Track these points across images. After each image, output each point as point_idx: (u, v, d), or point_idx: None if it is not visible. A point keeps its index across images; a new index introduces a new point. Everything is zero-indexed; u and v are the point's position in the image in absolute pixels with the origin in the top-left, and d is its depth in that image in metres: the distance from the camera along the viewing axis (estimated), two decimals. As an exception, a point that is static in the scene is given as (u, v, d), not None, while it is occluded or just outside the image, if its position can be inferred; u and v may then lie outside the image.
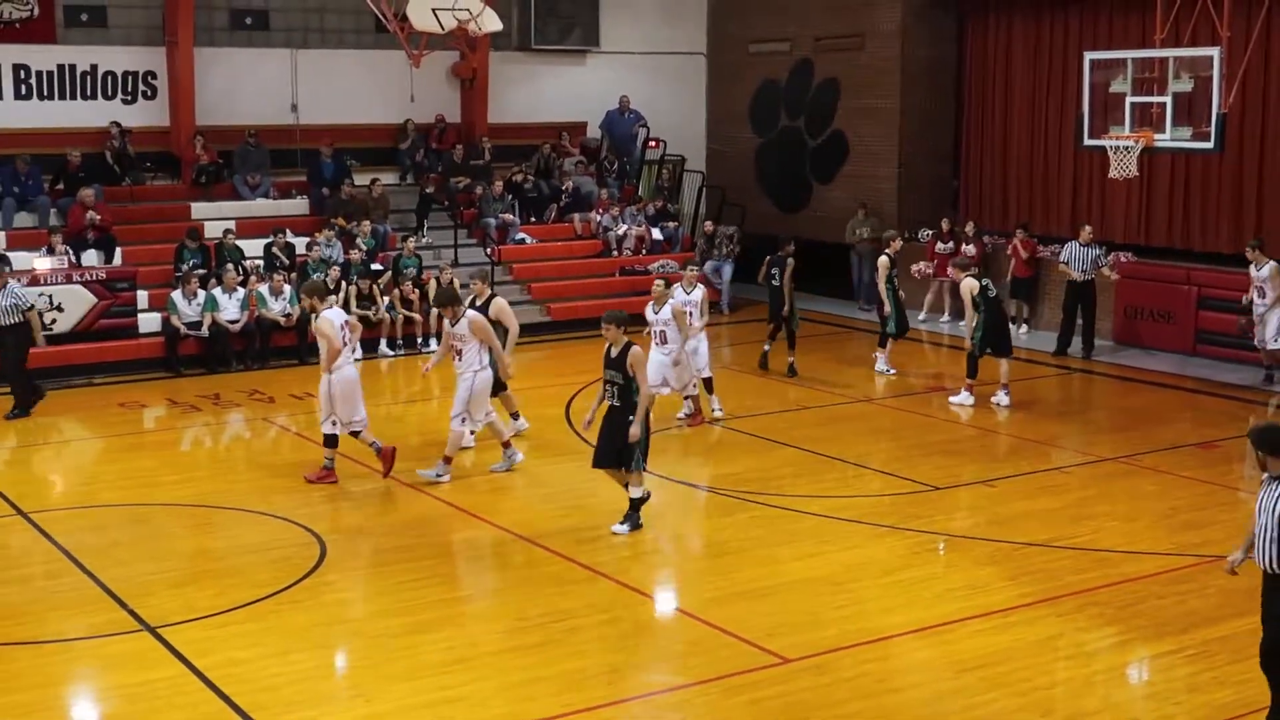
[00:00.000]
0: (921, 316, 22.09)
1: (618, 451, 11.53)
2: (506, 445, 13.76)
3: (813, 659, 9.03)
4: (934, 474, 13.43)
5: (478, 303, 14.26)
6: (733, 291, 23.63)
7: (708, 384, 15.68)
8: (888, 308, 17.87)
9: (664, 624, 10.23)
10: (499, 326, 13.99)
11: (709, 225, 23.72)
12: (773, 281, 17.94)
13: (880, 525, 11.85)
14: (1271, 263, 16.88)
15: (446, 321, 13.49)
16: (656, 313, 14.97)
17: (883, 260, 17.90)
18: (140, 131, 21.70)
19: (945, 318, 21.97)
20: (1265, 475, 7.60)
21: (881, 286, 17.50)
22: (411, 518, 12.24)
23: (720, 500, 12.79)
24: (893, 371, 18.11)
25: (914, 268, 22.03)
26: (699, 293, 15.68)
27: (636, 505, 11.69)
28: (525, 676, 8.81)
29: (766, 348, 18.38)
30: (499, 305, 14.35)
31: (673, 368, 14.98)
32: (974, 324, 16.03)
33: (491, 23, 21.22)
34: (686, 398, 15.44)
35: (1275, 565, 7.53)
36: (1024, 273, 20.76)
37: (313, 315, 13.38)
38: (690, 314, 15.24)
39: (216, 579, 10.68)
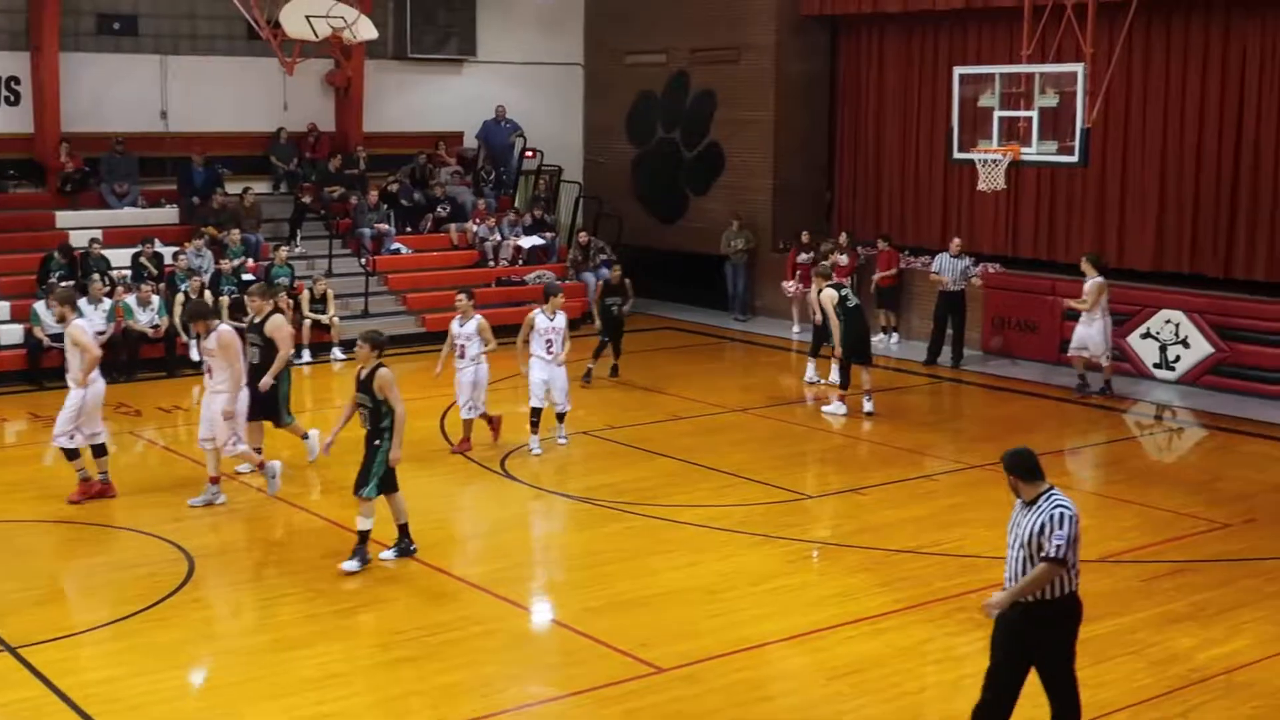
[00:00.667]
0: (795, 329, 22.32)
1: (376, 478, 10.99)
2: (261, 466, 13.00)
3: (687, 668, 9.08)
4: (807, 483, 13.60)
5: (255, 319, 13.58)
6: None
7: (539, 413, 14.98)
8: (837, 333, 17.41)
9: (539, 635, 10.21)
10: (272, 345, 13.32)
11: (583, 235, 23.75)
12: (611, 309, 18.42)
13: (754, 534, 11.95)
14: (1098, 279, 17.19)
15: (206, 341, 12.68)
16: (460, 326, 14.72)
17: (828, 294, 17.41)
18: (3, 138, 21.18)
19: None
20: (1018, 501, 7.50)
21: (832, 313, 16.83)
22: (283, 533, 12.08)
23: (596, 511, 12.80)
24: (822, 381, 17.75)
25: (783, 286, 22.22)
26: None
27: (364, 539, 11.01)
28: (399, 691, 8.74)
29: (592, 365, 18.37)
30: (274, 323, 13.53)
31: (470, 388, 14.66)
32: (838, 333, 16.24)
33: (366, 31, 21.04)
34: (487, 418, 14.99)
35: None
36: (888, 283, 21.07)
37: (62, 324, 12.64)
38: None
39: (80, 597, 10.45)
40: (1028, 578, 7.23)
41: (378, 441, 10.98)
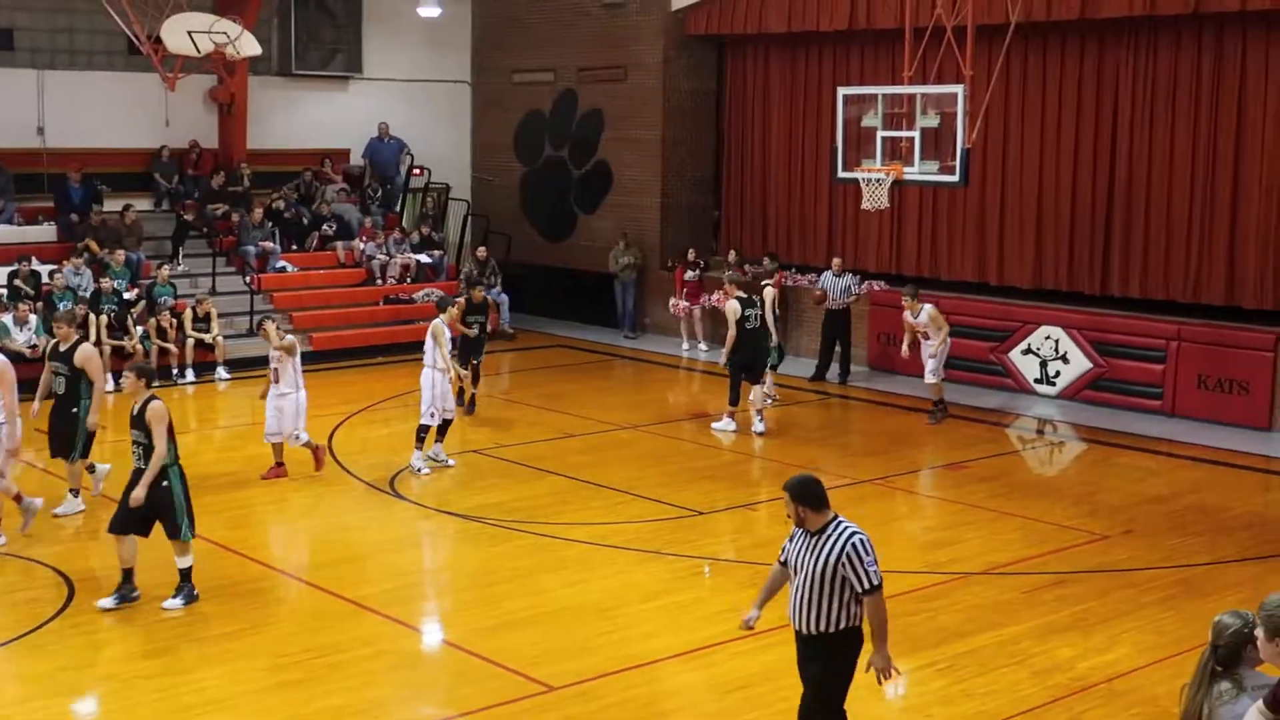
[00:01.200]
0: (685, 347, 22.44)
1: (142, 519, 10.46)
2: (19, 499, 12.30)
3: (579, 686, 9.07)
4: (697, 499, 13.65)
5: (61, 347, 13.09)
6: (512, 320, 23.64)
7: (429, 431, 14.73)
8: (774, 339, 17.63)
9: (430, 656, 10.14)
10: (80, 375, 12.84)
11: (482, 251, 23.64)
12: None
13: (644, 551, 11.97)
14: (927, 306, 17.33)
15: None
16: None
17: (769, 292, 17.85)
18: (-127, 154, 20.61)
19: (703, 345, 22.29)
20: (800, 530, 7.27)
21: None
22: (167, 555, 11.78)
23: (486, 530, 12.74)
24: (771, 400, 17.78)
25: (671, 303, 22.33)
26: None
27: (187, 575, 10.61)
28: (285, 715, 8.62)
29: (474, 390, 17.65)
30: (84, 353, 13.00)
31: (277, 414, 14.23)
32: (730, 345, 16.39)
33: (250, 47, 20.82)
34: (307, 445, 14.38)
35: (810, 627, 7.19)
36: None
37: None
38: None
39: (-45, 624, 10.14)
40: (878, 618, 7.13)
41: (165, 483, 10.40)
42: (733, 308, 16.45)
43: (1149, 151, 18.59)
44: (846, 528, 7.17)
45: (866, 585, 7.04)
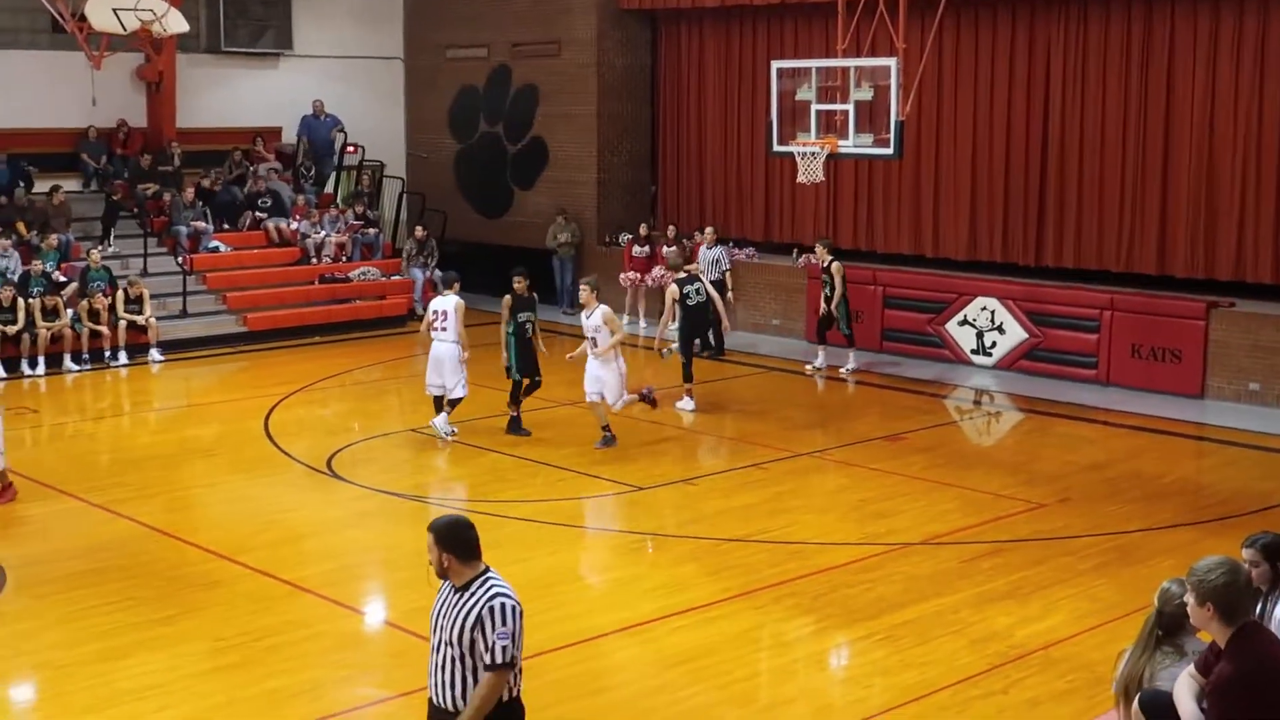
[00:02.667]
0: (625, 320, 22.39)
1: None
2: None
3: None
4: (637, 475, 13.64)
5: None
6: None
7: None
8: (664, 324, 17.24)
9: (369, 637, 10.08)
10: None
11: (420, 231, 23.48)
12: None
13: (585, 528, 11.96)
14: (601, 307, 15.02)
15: None
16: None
17: (672, 287, 17.22)
18: None
19: (643, 322, 22.28)
20: (446, 584, 6.12)
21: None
22: (101, 540, 11.70)
23: (424, 508, 12.66)
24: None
25: (621, 277, 22.32)
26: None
27: None
28: (224, 699, 8.54)
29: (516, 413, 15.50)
30: None
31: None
32: (664, 323, 16.60)
33: (177, 24, 20.55)
34: None
35: (449, 701, 5.98)
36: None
37: None
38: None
39: (-117, 614, 9.97)
40: (475, 701, 5.84)
41: None
42: (672, 290, 16.57)
43: (1080, 123, 18.74)
44: (494, 587, 5.96)
45: (489, 660, 5.84)
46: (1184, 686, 5.69)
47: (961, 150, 19.94)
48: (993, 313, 18.89)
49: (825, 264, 18.53)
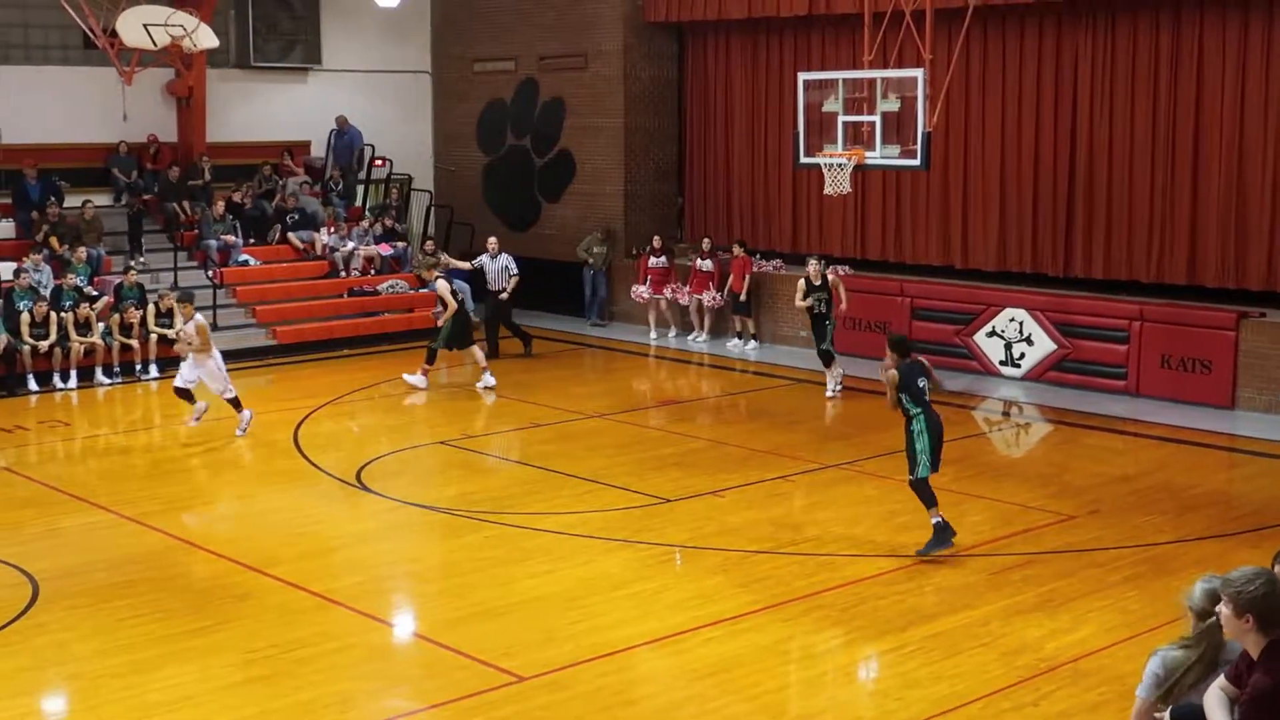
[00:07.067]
0: (653, 335, 22.43)
1: None
2: None
3: (549, 675, 9.05)
4: (665, 487, 13.64)
5: None
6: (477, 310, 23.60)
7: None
8: (449, 314, 18.40)
9: (398, 649, 10.10)
10: None
11: (430, 245, 23.58)
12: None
13: (613, 539, 11.96)
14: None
15: None
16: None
17: (442, 284, 18.63)
18: None
19: (673, 333, 22.32)
20: None
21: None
22: (132, 552, 11.76)
23: (454, 521, 12.70)
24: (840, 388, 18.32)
25: (634, 290, 22.38)
26: None
27: None
28: (254, 711, 8.56)
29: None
30: None
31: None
32: (449, 314, 18.07)
33: (207, 40, 20.68)
34: None
35: None
36: (739, 288, 21.21)
37: None
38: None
39: (-83, 626, 10.05)
40: None
41: None
42: (443, 285, 18.26)
43: (1109, 132, 18.68)
44: None
45: None
46: (1215, 698, 5.64)
47: (990, 161, 19.89)
48: (1021, 324, 18.82)
49: (820, 280, 17.89)
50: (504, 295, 20.59)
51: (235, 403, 15.71)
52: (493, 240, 20.92)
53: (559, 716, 8.53)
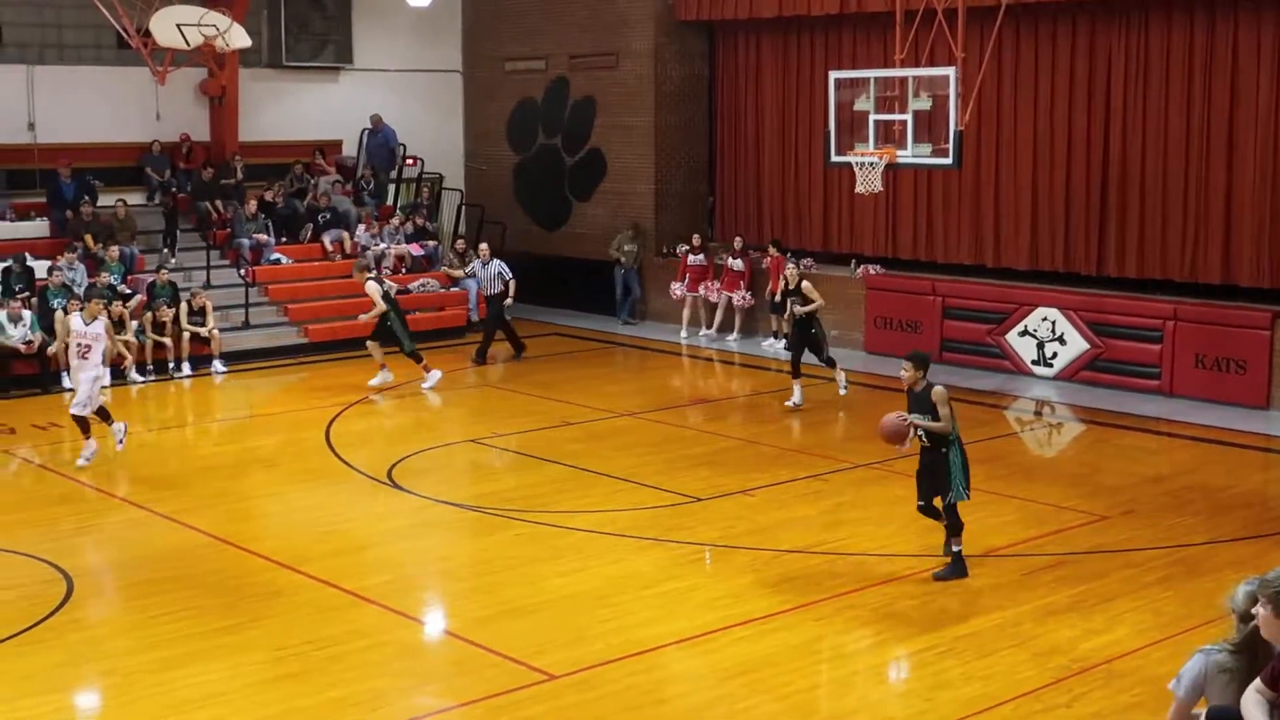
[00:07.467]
0: (684, 334, 22.42)
1: None
2: None
3: (579, 674, 9.05)
4: (696, 485, 13.62)
5: None
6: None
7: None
8: (375, 313, 18.63)
9: (429, 646, 10.12)
10: None
11: (460, 244, 23.62)
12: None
13: (643, 538, 11.96)
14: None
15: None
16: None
17: (373, 286, 18.62)
18: None
19: (703, 331, 22.30)
20: None
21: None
22: (164, 548, 11.83)
23: (485, 519, 12.72)
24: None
25: (672, 287, 22.41)
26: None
27: None
28: (285, 708, 8.59)
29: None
30: None
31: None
32: (374, 316, 18.21)
33: (240, 39, 20.78)
34: None
35: None
36: (777, 288, 21.15)
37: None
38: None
39: (-47, 622, 10.13)
40: None
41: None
42: (374, 288, 18.33)
43: (1143, 130, 18.56)
44: None
45: None
46: (1253, 700, 5.58)
47: (1022, 159, 19.79)
48: (1053, 323, 18.72)
49: (795, 284, 17.18)
50: (509, 301, 20.41)
51: (102, 413, 14.59)
52: (484, 246, 20.96)
53: (589, 715, 8.53)
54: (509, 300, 20.49)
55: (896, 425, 10.88)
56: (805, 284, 17.13)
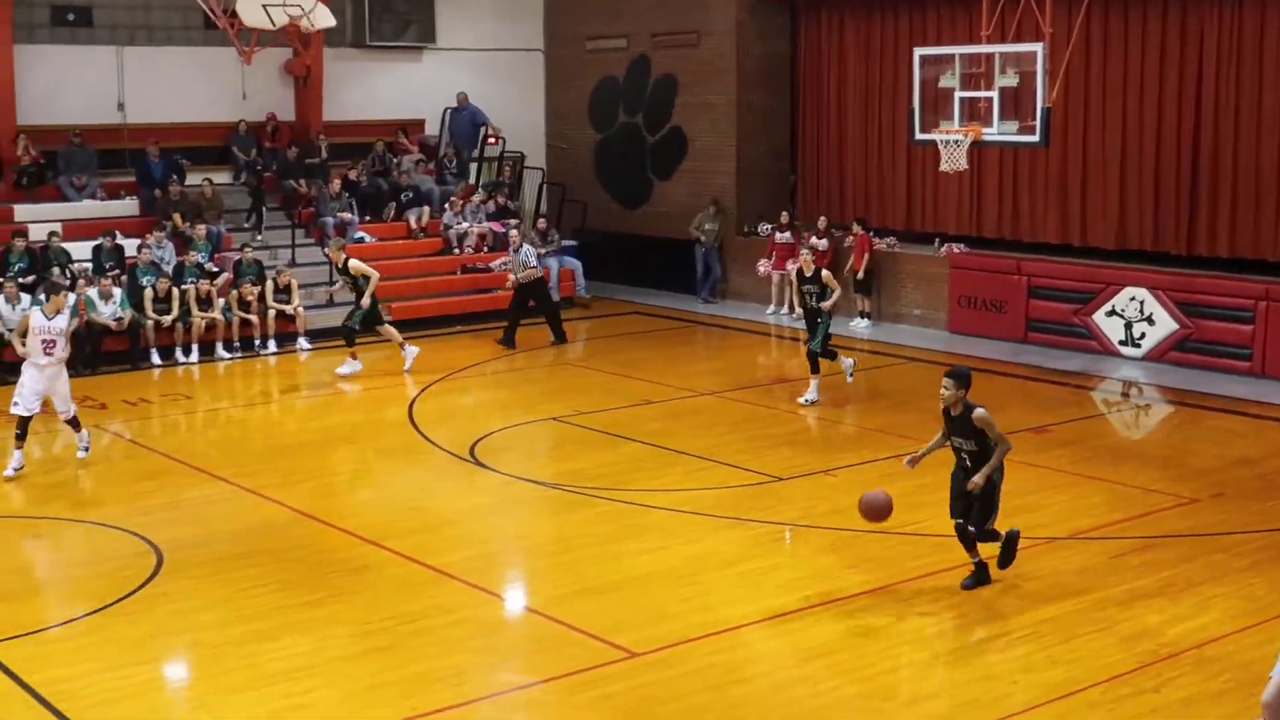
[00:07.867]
0: (770, 310, 22.35)
1: None
2: None
3: (660, 652, 9.07)
4: (777, 465, 13.58)
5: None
6: (588, 288, 23.73)
7: None
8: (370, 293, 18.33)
9: (511, 623, 10.18)
10: None
11: (542, 223, 23.66)
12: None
13: (724, 517, 11.94)
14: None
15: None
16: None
17: (355, 263, 18.33)
18: (-42, 132, 20.93)
19: (785, 311, 22.20)
20: None
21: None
22: (251, 523, 12.00)
23: (566, 496, 12.77)
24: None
25: (759, 265, 22.36)
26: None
27: None
28: (371, 682, 8.69)
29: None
30: None
31: None
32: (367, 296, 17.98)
33: (324, 19, 20.93)
34: None
35: None
36: (860, 266, 21.03)
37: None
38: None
39: (48, 592, 10.35)
40: None
41: None
42: (356, 265, 17.99)
43: (1235, 108, 18.20)
44: None
45: None
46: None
47: (1110, 137, 19.49)
48: (1142, 303, 18.43)
49: (812, 271, 16.08)
50: (524, 279, 20.07)
51: (74, 422, 13.89)
52: (514, 234, 20.89)
53: (671, 693, 8.54)
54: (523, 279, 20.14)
55: (881, 505, 10.29)
56: (825, 273, 16.10)
